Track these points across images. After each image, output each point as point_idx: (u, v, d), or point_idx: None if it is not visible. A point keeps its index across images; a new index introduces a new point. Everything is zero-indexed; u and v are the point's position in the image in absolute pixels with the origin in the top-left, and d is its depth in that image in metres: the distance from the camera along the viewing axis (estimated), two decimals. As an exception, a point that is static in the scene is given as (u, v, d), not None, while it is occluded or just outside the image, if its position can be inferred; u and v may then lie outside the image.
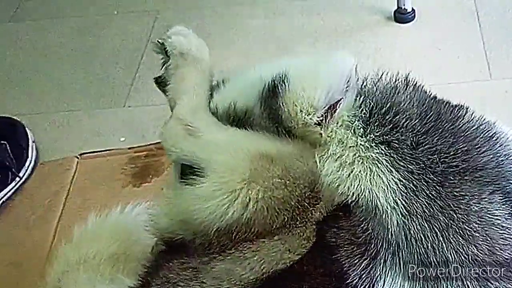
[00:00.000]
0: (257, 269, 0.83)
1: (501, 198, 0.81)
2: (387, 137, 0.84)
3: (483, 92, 1.85)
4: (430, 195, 0.80)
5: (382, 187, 0.81)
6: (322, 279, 0.81)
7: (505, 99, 1.82)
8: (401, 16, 2.13)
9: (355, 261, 0.79)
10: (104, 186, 1.74)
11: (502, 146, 0.85)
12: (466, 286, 0.78)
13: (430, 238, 0.78)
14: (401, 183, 0.81)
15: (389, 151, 0.83)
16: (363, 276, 0.78)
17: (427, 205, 0.80)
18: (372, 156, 0.83)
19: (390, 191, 0.81)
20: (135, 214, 1.40)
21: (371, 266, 0.78)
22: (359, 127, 0.86)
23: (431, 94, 0.92)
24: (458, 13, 2.15)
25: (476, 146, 0.84)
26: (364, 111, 0.87)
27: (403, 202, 0.80)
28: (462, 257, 0.78)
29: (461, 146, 0.83)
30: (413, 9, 2.13)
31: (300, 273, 0.82)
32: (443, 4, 2.19)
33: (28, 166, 1.81)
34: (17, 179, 1.77)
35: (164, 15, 2.36)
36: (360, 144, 0.84)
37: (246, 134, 0.93)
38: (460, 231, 0.78)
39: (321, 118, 0.87)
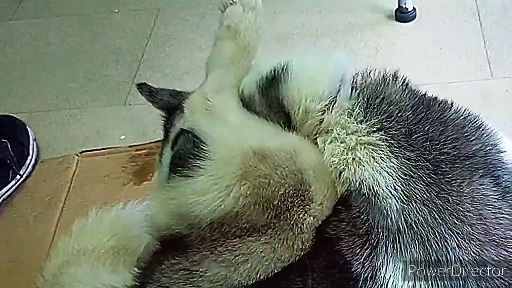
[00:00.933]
0: (253, 275, 0.85)
1: (491, 181, 0.84)
2: (384, 124, 0.87)
3: (484, 91, 1.85)
4: (427, 181, 0.83)
5: (382, 173, 0.83)
6: (326, 271, 0.82)
7: (505, 98, 1.83)
8: (402, 15, 2.13)
9: (357, 251, 0.80)
10: (104, 184, 1.74)
11: (489, 136, 0.88)
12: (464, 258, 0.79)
13: (430, 221, 0.80)
14: (400, 169, 0.84)
15: (387, 137, 0.86)
16: (366, 264, 0.80)
17: (425, 190, 0.82)
18: (372, 141, 0.86)
19: (390, 178, 0.83)
20: (136, 211, 1.40)
21: (372, 255, 0.80)
22: (359, 114, 0.89)
23: (419, 89, 0.95)
24: (459, 12, 2.15)
25: (465, 134, 0.87)
26: (363, 100, 0.90)
27: (402, 188, 0.82)
28: (459, 237, 0.80)
29: (450, 134, 0.86)
30: (414, 8, 2.13)
31: (303, 267, 0.84)
32: (444, 4, 2.19)
33: (29, 164, 1.81)
34: (18, 177, 1.78)
35: (165, 13, 2.37)
36: (361, 129, 0.88)
37: (250, 122, 0.96)
38: (455, 213, 0.81)
39: (324, 108, 0.91)
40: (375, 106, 0.89)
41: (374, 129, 0.87)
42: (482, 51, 1.98)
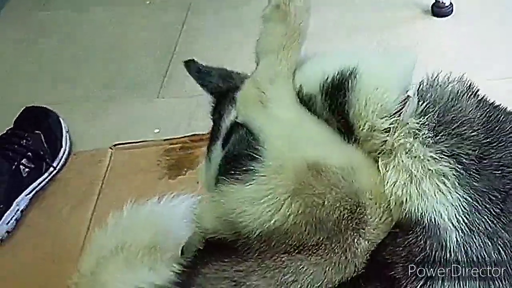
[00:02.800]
0: None
1: None
2: (455, 150, 0.80)
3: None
4: (494, 212, 0.77)
5: (446, 205, 0.78)
6: None
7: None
8: (439, 10, 2.11)
9: (412, 278, 0.77)
10: (139, 178, 1.73)
11: None
12: None
13: (494, 256, 0.76)
14: (465, 200, 0.78)
15: (456, 166, 0.79)
16: None
17: (490, 222, 0.77)
18: (440, 170, 0.79)
19: (454, 209, 0.77)
20: (171, 206, 1.40)
21: (428, 285, 0.76)
22: (427, 137, 0.81)
23: (487, 98, 0.87)
24: (496, 6, 2.11)
25: None
26: (431, 119, 0.82)
27: (465, 220, 0.77)
28: None
29: None
30: (451, 3, 2.11)
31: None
32: (482, -2, 2.15)
33: (62, 156, 1.81)
34: (51, 169, 1.77)
35: (197, 4, 2.36)
36: (429, 156, 0.80)
37: (307, 125, 0.88)
38: None
39: (391, 125, 0.83)
40: (446, 126, 0.81)
41: (443, 155, 0.79)
42: (524, 46, 1.94)
